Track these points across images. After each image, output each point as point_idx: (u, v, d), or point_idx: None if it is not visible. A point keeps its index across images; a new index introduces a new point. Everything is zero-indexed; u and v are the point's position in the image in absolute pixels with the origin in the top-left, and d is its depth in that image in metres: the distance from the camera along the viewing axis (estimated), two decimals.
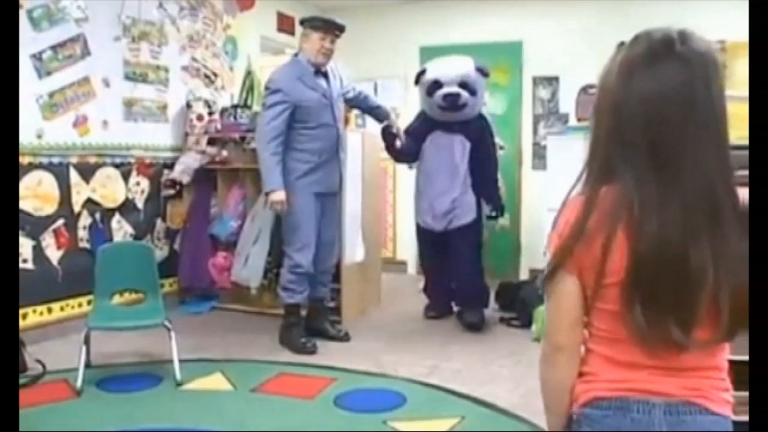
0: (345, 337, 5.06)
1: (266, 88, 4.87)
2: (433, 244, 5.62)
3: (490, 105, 7.37)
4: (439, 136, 5.50)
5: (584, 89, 5.35)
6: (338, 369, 4.41)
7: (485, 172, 5.46)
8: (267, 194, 4.80)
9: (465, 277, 5.53)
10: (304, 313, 5.10)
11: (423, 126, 5.61)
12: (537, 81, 7.24)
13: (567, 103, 6.80)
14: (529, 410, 3.68)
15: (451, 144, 5.45)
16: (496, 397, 3.90)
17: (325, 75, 4.90)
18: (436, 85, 5.39)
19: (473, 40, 7.15)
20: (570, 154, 4.79)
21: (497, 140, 5.76)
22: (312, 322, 5.12)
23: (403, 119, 6.24)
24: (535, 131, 7.29)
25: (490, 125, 5.62)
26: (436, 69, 5.50)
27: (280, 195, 4.71)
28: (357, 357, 4.67)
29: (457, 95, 5.34)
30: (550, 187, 4.88)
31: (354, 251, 5.66)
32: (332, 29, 4.83)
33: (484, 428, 3.54)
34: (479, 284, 5.57)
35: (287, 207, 4.75)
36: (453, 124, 5.44)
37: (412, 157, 5.75)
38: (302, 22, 4.93)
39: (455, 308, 5.72)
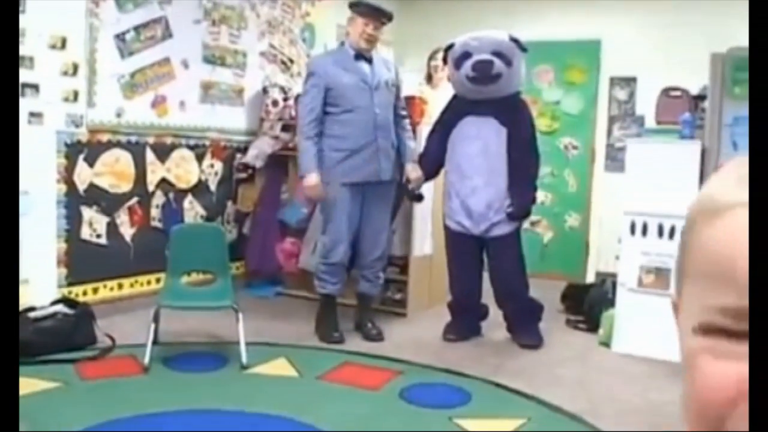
0: (377, 337, 4.89)
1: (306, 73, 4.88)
2: (467, 251, 4.90)
3: (565, 104, 7.29)
4: (469, 121, 4.80)
5: (665, 91, 5.20)
6: (404, 362, 4.39)
7: (517, 161, 4.72)
8: (301, 179, 4.78)
9: (513, 294, 4.89)
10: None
11: (453, 113, 4.92)
12: (614, 81, 7.10)
13: (644, 105, 6.64)
14: (596, 416, 3.61)
15: (484, 130, 4.75)
16: (562, 399, 3.84)
17: (370, 61, 4.78)
18: (466, 56, 4.74)
19: (550, 37, 7.05)
20: (649, 158, 4.69)
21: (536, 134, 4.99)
22: (355, 315, 5.08)
23: None
24: (609, 132, 7.15)
25: (528, 107, 5.04)
26: (465, 40, 4.81)
27: (311, 180, 4.66)
28: (423, 351, 4.64)
29: (489, 62, 4.65)
30: (627, 190, 4.77)
31: (423, 243, 5.62)
32: (377, 16, 4.69)
33: (551, 431, 3.49)
34: (529, 300, 4.94)
35: (323, 194, 4.71)
36: (486, 106, 4.73)
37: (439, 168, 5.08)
38: (350, 6, 4.78)
39: (483, 328, 5.13)
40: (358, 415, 3.55)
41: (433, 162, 4.98)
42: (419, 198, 5.14)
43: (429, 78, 6.02)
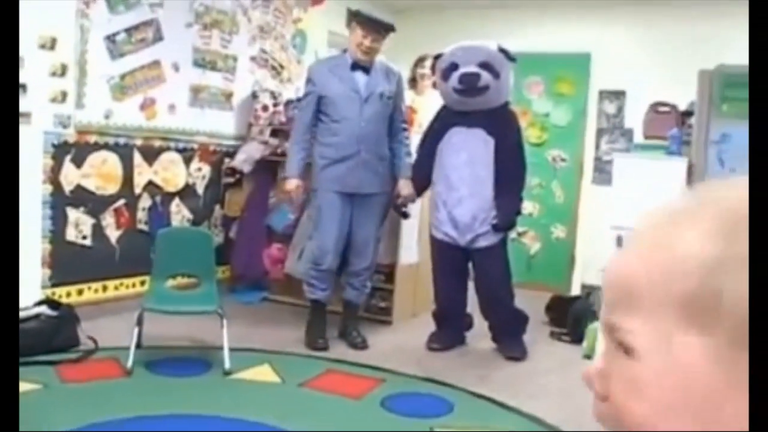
0: (361, 345, 4.88)
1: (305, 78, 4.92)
2: (453, 261, 4.89)
3: (554, 116, 7.33)
4: (457, 132, 4.79)
5: (653, 106, 5.23)
6: (386, 370, 4.39)
7: (504, 172, 4.70)
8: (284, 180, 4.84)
9: (498, 305, 4.88)
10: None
11: (441, 124, 4.92)
12: (603, 95, 7.14)
13: (632, 119, 6.69)
14: (576, 426, 3.62)
15: (471, 140, 4.75)
16: (545, 411, 3.84)
17: (367, 71, 4.76)
18: (453, 67, 4.74)
19: (540, 49, 7.08)
20: (636, 173, 4.71)
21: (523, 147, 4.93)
22: (340, 323, 5.08)
23: None
24: (597, 145, 7.19)
25: (516, 118, 4.99)
26: (453, 51, 4.82)
27: (290, 183, 4.75)
28: (406, 359, 4.64)
29: (476, 75, 4.65)
30: (614, 205, 4.78)
31: (409, 252, 5.63)
32: (375, 28, 4.67)
33: None
34: (514, 312, 4.93)
35: (298, 199, 4.83)
36: (474, 117, 4.73)
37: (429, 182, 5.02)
38: (352, 15, 4.80)
39: (468, 339, 5.14)
40: (339, 424, 3.54)
41: (423, 174, 4.97)
42: (406, 215, 5.16)
43: (413, 83, 6.02)
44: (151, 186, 5.40)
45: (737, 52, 4.88)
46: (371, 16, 4.70)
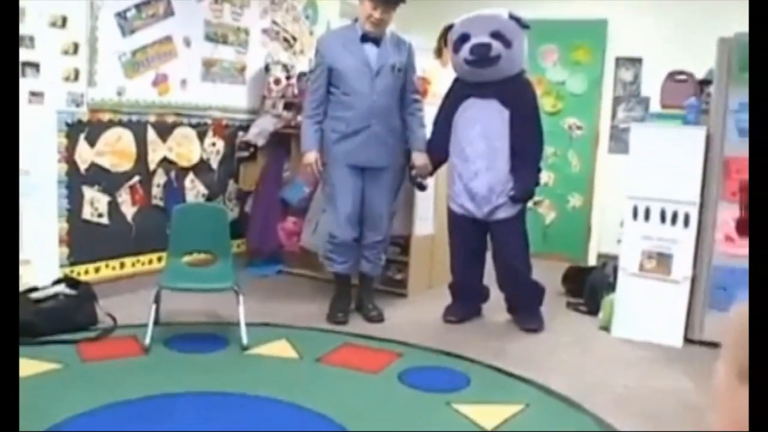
0: (377, 318, 4.90)
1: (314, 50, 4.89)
2: (470, 234, 4.88)
3: (570, 84, 7.25)
4: (471, 104, 4.75)
5: (670, 75, 5.15)
6: (404, 344, 4.40)
7: (520, 142, 4.66)
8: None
9: (516, 278, 4.88)
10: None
11: (455, 96, 4.87)
12: (620, 62, 7.05)
13: (649, 87, 6.60)
14: (593, 401, 3.63)
15: (485, 112, 4.69)
16: (561, 384, 3.84)
17: (377, 43, 4.69)
18: (464, 38, 4.69)
19: (556, 16, 7.00)
20: (653, 143, 4.66)
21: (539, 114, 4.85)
22: (356, 296, 5.09)
23: None
24: (614, 114, 7.11)
25: (532, 86, 4.93)
26: (463, 22, 4.76)
27: (309, 157, 4.71)
28: (422, 332, 4.65)
29: (487, 45, 4.58)
30: (630, 174, 4.74)
31: (425, 223, 5.61)
32: (383, 0, 4.57)
33: (548, 417, 3.50)
34: (532, 284, 4.93)
35: (320, 171, 4.76)
36: (488, 88, 4.67)
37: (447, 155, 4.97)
38: None
39: (483, 309, 5.16)
40: (357, 398, 3.56)
41: (439, 148, 4.93)
42: (422, 187, 5.12)
43: (439, 53, 5.93)
44: (165, 162, 5.39)
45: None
46: None
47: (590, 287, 5.40)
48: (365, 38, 4.67)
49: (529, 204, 5.36)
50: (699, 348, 4.49)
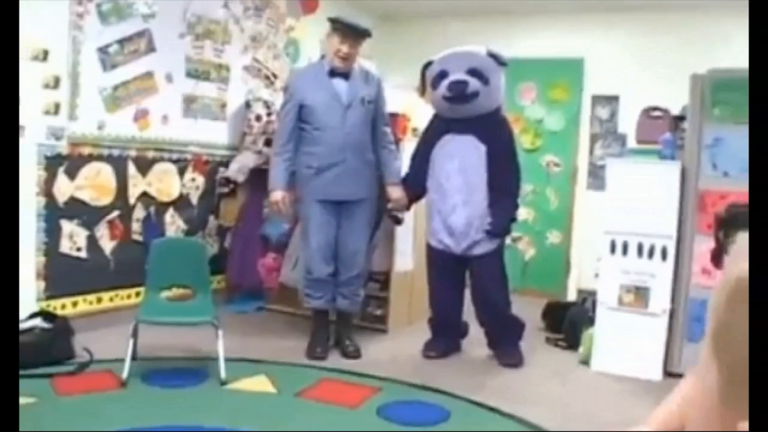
0: (354, 354, 4.87)
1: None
2: (448, 269, 4.89)
3: (548, 121, 7.33)
4: (449, 139, 4.79)
5: (646, 111, 5.24)
6: (383, 378, 4.38)
7: (497, 178, 4.69)
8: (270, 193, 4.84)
9: (495, 313, 4.87)
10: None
11: (433, 131, 4.92)
12: (597, 100, 7.15)
13: (626, 124, 6.72)
14: None
15: (463, 147, 4.73)
16: (541, 418, 3.83)
17: (346, 77, 4.74)
18: (442, 75, 4.75)
19: (534, 55, 7.11)
20: (629, 178, 4.72)
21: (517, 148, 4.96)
22: (335, 332, 5.06)
23: None
24: (591, 150, 7.20)
25: (508, 123, 4.95)
26: (442, 58, 4.84)
27: (276, 195, 4.74)
28: (402, 367, 4.64)
29: (464, 82, 4.64)
30: (608, 209, 4.79)
31: (404, 259, 5.62)
32: (352, 34, 4.64)
33: None
34: (511, 319, 4.92)
35: (285, 210, 4.81)
36: (465, 123, 4.72)
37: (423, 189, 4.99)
38: (330, 21, 4.75)
39: (463, 345, 5.17)
40: None
41: (417, 182, 4.96)
42: (398, 221, 5.14)
43: (422, 91, 5.97)
44: (145, 197, 5.38)
45: (728, 57, 4.90)
46: (348, 22, 4.66)
47: (570, 322, 5.41)
48: (333, 73, 4.72)
49: (508, 240, 5.40)
50: (678, 381, 4.48)
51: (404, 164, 5.13)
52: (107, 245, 5.13)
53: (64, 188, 4.80)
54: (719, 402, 0.61)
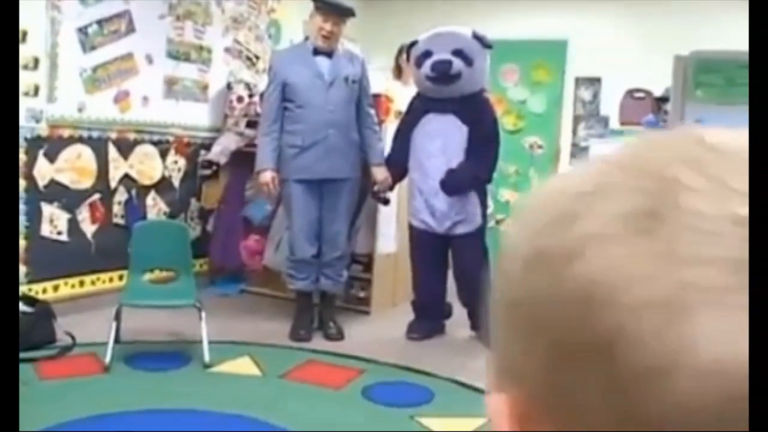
0: (337, 336, 4.87)
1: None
2: (431, 249, 4.86)
3: (531, 103, 7.33)
4: (431, 119, 4.77)
5: (629, 93, 5.25)
6: (367, 360, 4.39)
7: (476, 160, 4.68)
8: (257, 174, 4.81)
9: (477, 293, 4.89)
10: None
11: (415, 111, 4.91)
12: (579, 81, 7.16)
13: (608, 105, 6.73)
14: None
15: (445, 128, 4.72)
16: None
17: (330, 56, 4.74)
18: (426, 54, 4.74)
19: (517, 36, 7.09)
20: None
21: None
22: (318, 313, 5.07)
23: None
24: (574, 132, 7.21)
25: (491, 104, 4.99)
26: (427, 38, 4.82)
27: (265, 176, 4.70)
28: (386, 349, 4.64)
29: (448, 62, 4.63)
30: None
31: (387, 241, 5.61)
32: (335, 13, 4.63)
33: None
34: None
35: (274, 190, 4.78)
36: (448, 104, 4.71)
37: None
38: (313, 0, 4.73)
39: (448, 326, 5.14)
40: (321, 415, 3.55)
41: (399, 162, 4.96)
42: (385, 201, 5.12)
43: (399, 73, 5.97)
44: (126, 179, 5.35)
45: (711, 39, 4.91)
46: (331, 1, 4.64)
47: None
48: (317, 52, 4.71)
49: (492, 222, 5.40)
50: None
51: (387, 146, 5.12)
52: (89, 228, 5.10)
53: (44, 171, 4.76)
54: None
